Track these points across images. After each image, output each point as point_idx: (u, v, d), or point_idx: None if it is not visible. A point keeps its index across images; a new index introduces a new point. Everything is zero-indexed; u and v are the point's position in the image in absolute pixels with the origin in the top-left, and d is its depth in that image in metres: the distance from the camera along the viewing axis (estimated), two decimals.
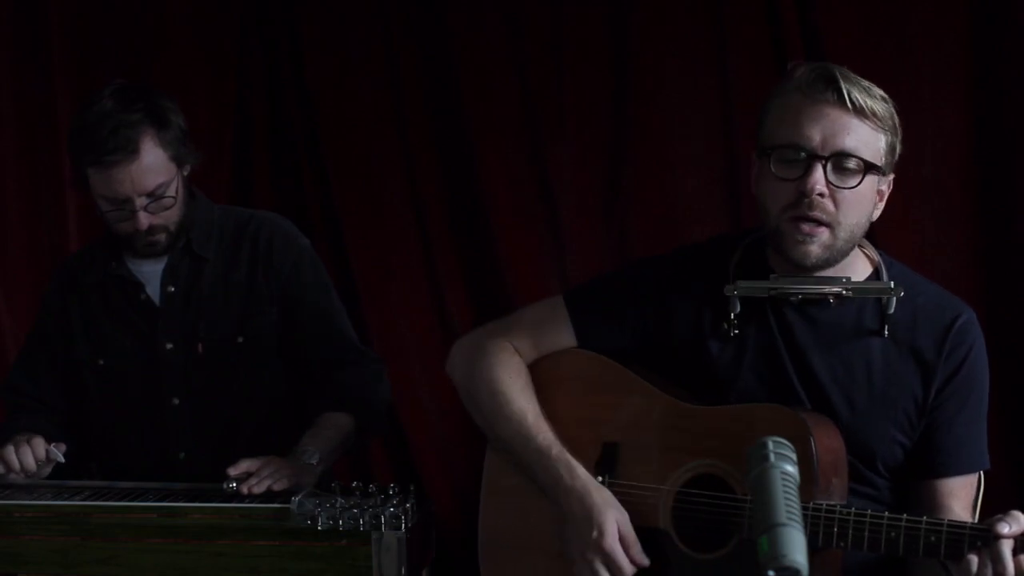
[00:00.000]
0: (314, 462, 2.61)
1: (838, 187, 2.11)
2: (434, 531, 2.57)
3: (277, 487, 2.50)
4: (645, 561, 2.17)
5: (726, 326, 2.23)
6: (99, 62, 3.71)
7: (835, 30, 3.28)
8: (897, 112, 2.17)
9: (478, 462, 2.46)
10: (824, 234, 2.13)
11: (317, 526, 2.33)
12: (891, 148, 2.16)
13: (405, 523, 2.31)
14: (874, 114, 2.12)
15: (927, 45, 3.25)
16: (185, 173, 2.78)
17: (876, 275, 2.24)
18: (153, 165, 2.67)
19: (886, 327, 2.19)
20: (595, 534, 2.16)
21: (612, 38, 3.48)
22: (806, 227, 2.12)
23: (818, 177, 2.10)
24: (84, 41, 3.72)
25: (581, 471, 2.22)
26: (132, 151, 2.64)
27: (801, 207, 2.11)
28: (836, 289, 2.17)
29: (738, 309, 2.22)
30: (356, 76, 3.65)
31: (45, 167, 3.72)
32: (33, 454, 2.63)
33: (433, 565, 2.55)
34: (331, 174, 3.67)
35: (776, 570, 1.46)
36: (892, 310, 2.18)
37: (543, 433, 2.26)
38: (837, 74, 2.12)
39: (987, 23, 3.21)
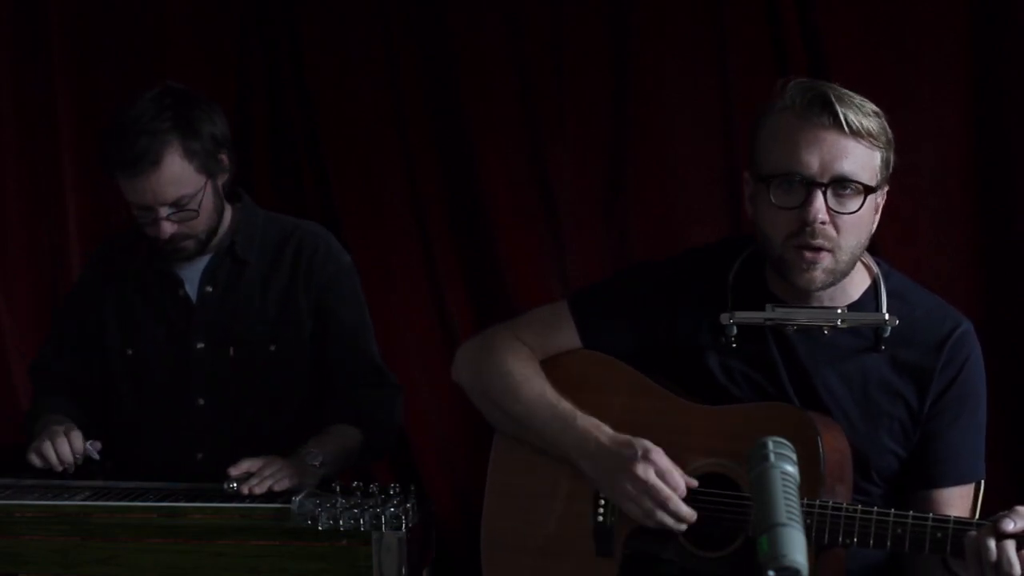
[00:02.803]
0: (316, 463, 2.60)
1: (839, 212, 2.11)
2: (434, 531, 2.57)
3: (278, 488, 2.50)
4: (693, 482, 2.15)
5: (724, 339, 2.23)
6: (99, 62, 3.71)
7: (835, 30, 3.28)
8: (889, 123, 2.15)
9: (478, 462, 2.46)
10: (827, 259, 2.13)
11: (317, 526, 2.33)
12: (886, 163, 2.15)
13: (406, 523, 2.31)
14: (869, 133, 2.10)
15: (927, 45, 3.25)
16: (220, 183, 2.77)
17: (873, 287, 2.24)
18: (175, 177, 2.66)
19: (882, 344, 2.20)
20: (640, 452, 2.14)
21: (612, 38, 3.49)
22: (809, 255, 2.12)
23: (819, 205, 2.09)
24: (84, 41, 3.72)
25: (607, 426, 2.22)
26: (152, 162, 2.63)
27: (804, 235, 2.10)
28: (831, 322, 2.18)
29: (735, 332, 2.22)
30: (356, 76, 3.65)
31: (45, 167, 3.72)
32: (71, 447, 2.61)
33: (433, 565, 2.55)
34: (331, 174, 3.67)
35: (776, 570, 1.46)
36: (887, 334, 2.19)
37: (564, 403, 2.26)
38: (831, 96, 2.09)
39: (987, 23, 3.21)
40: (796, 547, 1.48)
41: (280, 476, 2.51)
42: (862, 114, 2.10)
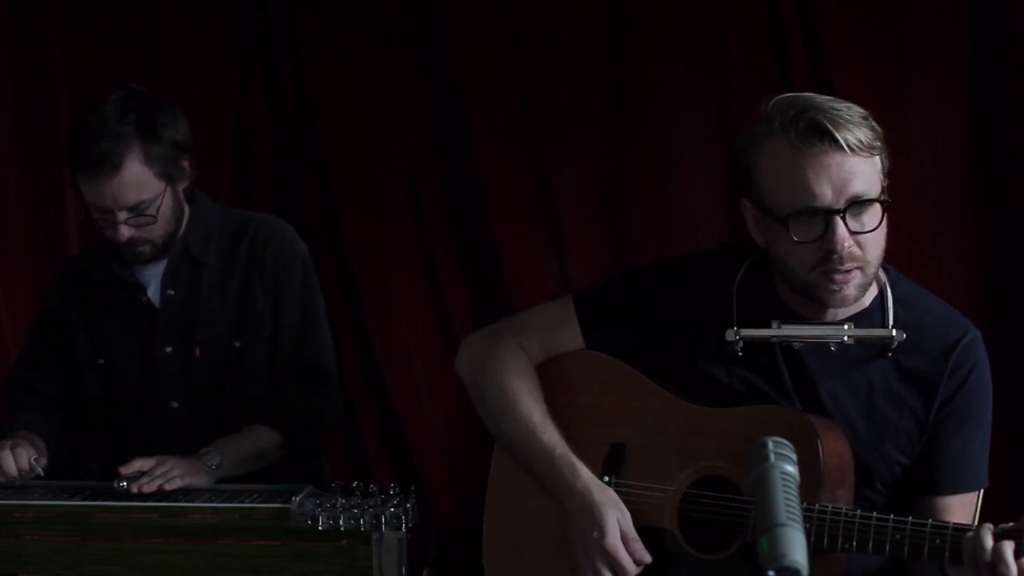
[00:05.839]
0: (213, 465, 2.62)
1: (860, 233, 2.10)
2: (434, 531, 2.58)
3: (169, 487, 2.51)
4: (647, 558, 2.17)
5: (730, 347, 2.23)
6: (99, 62, 3.71)
7: (835, 30, 3.27)
8: (879, 121, 2.14)
9: (478, 462, 2.46)
10: (857, 276, 2.12)
11: (318, 526, 2.33)
12: (884, 163, 2.14)
13: (405, 523, 2.31)
14: (869, 146, 2.08)
15: (927, 45, 3.24)
16: (179, 188, 2.77)
17: (881, 296, 2.23)
18: (135, 181, 2.66)
19: (889, 351, 2.19)
20: (596, 534, 2.17)
21: (612, 38, 3.48)
22: (839, 277, 2.11)
23: (842, 233, 2.07)
24: (84, 41, 3.72)
25: (584, 471, 2.23)
26: (113, 165, 2.63)
27: (831, 263, 2.09)
28: (838, 338, 2.18)
29: (740, 344, 2.22)
30: (356, 76, 3.65)
31: (45, 167, 3.72)
32: (16, 461, 2.62)
33: (433, 565, 2.55)
34: (331, 174, 3.67)
35: (776, 570, 1.46)
36: (895, 346, 2.18)
37: (548, 433, 2.27)
38: (825, 121, 2.06)
39: (987, 23, 3.21)
40: (796, 547, 1.48)
41: (171, 475, 2.53)
42: (855, 127, 2.07)
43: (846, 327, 2.17)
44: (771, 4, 3.32)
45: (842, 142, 2.05)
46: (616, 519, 2.18)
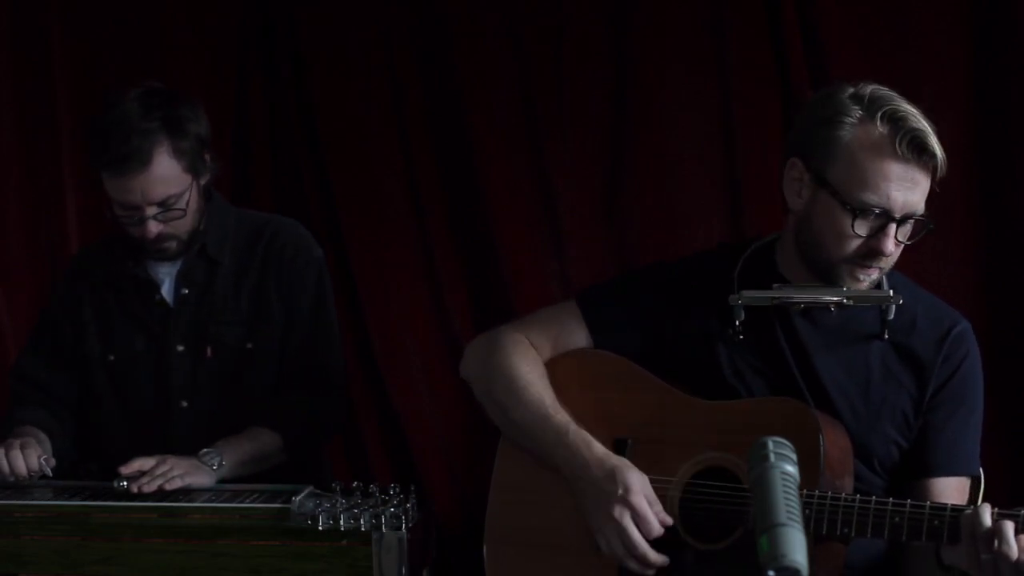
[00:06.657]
0: (214, 466, 2.62)
1: (900, 242, 2.19)
2: (434, 531, 2.58)
3: (169, 487, 2.51)
4: (668, 520, 2.18)
5: (731, 331, 2.26)
6: (99, 62, 3.70)
7: (835, 29, 3.28)
8: None
9: (478, 462, 2.47)
10: (875, 274, 2.22)
11: (318, 526, 2.33)
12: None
13: (406, 523, 2.31)
14: (940, 174, 2.19)
15: (927, 45, 3.25)
16: (203, 182, 2.77)
17: (876, 284, 2.27)
18: (164, 176, 2.67)
19: (886, 331, 2.24)
20: (620, 491, 2.17)
21: (612, 38, 3.48)
22: (868, 271, 2.20)
23: (893, 239, 2.17)
24: (84, 41, 3.72)
25: (598, 445, 2.25)
26: (143, 161, 2.64)
27: (869, 259, 2.18)
28: (837, 298, 2.21)
29: (742, 316, 2.25)
30: (356, 76, 3.65)
31: (45, 167, 3.72)
32: (26, 461, 2.61)
33: (433, 565, 2.56)
34: (331, 174, 3.67)
35: (776, 570, 1.47)
36: (891, 316, 2.24)
37: (560, 415, 2.29)
38: (931, 143, 2.14)
39: (987, 23, 3.21)
40: (796, 547, 1.48)
41: (171, 475, 2.53)
42: (940, 151, 2.17)
43: (844, 288, 2.21)
44: (771, 4, 3.33)
45: (932, 163, 2.16)
46: (638, 478, 2.19)
